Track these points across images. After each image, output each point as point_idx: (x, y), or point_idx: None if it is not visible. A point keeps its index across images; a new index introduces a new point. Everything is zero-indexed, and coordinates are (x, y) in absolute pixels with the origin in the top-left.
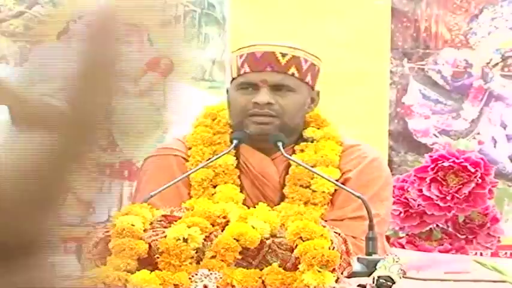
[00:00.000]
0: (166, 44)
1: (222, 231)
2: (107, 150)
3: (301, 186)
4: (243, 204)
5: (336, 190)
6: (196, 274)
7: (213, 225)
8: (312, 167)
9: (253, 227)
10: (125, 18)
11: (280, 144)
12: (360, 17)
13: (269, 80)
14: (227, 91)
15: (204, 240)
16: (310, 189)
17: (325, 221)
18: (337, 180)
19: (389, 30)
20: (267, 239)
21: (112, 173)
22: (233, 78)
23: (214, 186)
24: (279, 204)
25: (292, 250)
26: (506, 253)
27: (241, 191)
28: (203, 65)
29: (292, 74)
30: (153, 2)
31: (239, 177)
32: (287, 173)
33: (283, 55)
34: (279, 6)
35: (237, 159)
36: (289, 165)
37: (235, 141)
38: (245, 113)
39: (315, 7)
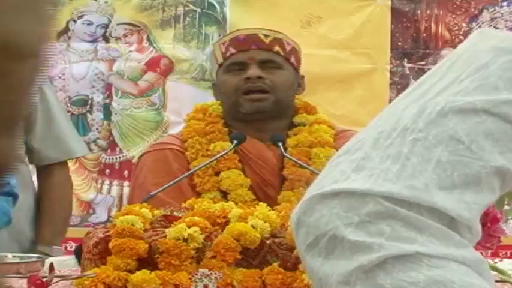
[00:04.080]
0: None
1: (222, 231)
2: (106, 150)
3: (300, 166)
4: (249, 188)
5: None
6: (196, 274)
7: (213, 225)
8: (308, 147)
9: (253, 227)
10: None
11: (280, 144)
12: (360, 17)
13: (256, 57)
14: (212, 86)
15: (204, 240)
16: (309, 169)
17: None
18: None
19: (389, 30)
20: (267, 239)
21: (112, 173)
22: (219, 65)
23: (216, 174)
24: (280, 187)
25: (292, 250)
26: (506, 253)
27: (245, 175)
28: (203, 65)
29: (277, 52)
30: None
31: (240, 162)
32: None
33: (266, 36)
34: (279, 6)
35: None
36: (286, 149)
37: (235, 142)
38: (239, 91)
39: (315, 7)
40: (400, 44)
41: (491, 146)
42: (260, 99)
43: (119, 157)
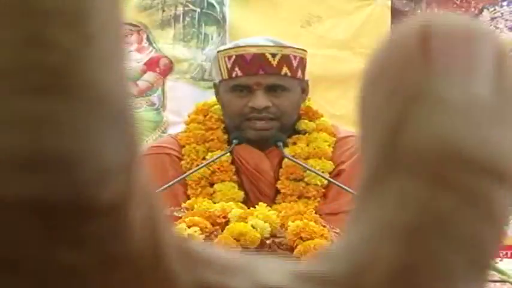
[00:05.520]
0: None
1: (222, 231)
2: None
3: (294, 179)
4: (244, 201)
5: (329, 183)
6: None
7: (213, 225)
8: (305, 159)
9: (253, 227)
10: None
11: (280, 144)
12: (359, 17)
13: (263, 82)
14: (214, 85)
15: (204, 240)
16: (304, 182)
17: (320, 215)
18: (330, 173)
19: (389, 30)
20: (267, 239)
21: None
22: (223, 79)
23: (211, 184)
24: (274, 199)
25: (292, 250)
26: (506, 253)
27: (239, 188)
28: (203, 65)
29: (285, 74)
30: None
31: (236, 173)
32: (281, 166)
33: (273, 55)
34: (278, 6)
35: (231, 155)
36: (282, 159)
37: (234, 141)
38: (243, 117)
39: (315, 7)
40: None
41: None
42: (264, 128)
43: None
